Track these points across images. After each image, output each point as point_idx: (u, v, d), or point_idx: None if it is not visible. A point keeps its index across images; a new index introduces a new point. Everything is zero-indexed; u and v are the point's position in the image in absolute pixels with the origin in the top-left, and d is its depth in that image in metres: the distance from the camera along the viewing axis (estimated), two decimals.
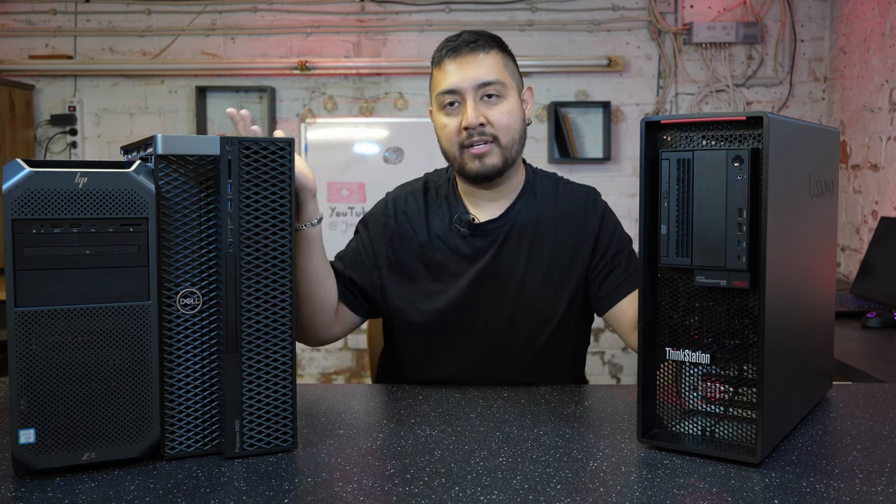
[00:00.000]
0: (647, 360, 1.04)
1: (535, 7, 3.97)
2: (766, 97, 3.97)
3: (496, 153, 1.42)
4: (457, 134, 1.43)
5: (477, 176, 1.43)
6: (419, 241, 1.49)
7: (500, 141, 1.42)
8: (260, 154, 0.99)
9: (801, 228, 1.07)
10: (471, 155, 1.42)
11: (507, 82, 1.44)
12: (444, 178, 1.57)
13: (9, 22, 4.03)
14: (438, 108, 1.46)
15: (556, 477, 0.93)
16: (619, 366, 4.08)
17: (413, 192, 1.55)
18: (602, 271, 1.48)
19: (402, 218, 1.52)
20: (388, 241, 1.51)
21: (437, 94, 1.45)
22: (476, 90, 1.41)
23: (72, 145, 4.04)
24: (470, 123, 1.40)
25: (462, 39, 1.44)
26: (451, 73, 1.43)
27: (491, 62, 1.43)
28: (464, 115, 1.41)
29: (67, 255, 0.92)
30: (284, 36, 4.01)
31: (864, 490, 0.89)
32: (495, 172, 1.43)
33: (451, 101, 1.43)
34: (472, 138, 1.41)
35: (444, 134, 1.45)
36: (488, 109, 1.42)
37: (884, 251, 2.82)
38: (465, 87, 1.41)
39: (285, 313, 1.02)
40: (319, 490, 0.90)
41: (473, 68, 1.42)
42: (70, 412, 0.92)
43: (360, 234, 1.56)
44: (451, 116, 1.44)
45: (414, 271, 1.49)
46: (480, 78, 1.41)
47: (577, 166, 4.00)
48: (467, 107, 1.41)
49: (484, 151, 1.41)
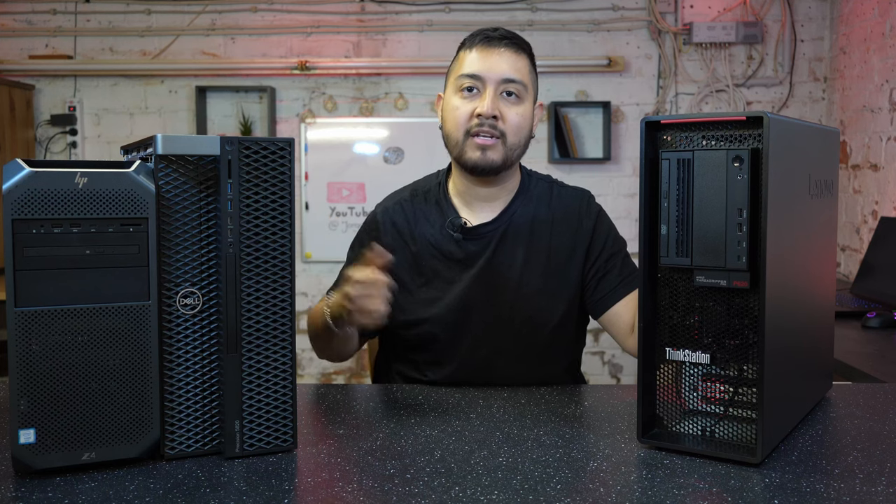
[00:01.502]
0: (647, 360, 1.04)
1: (535, 7, 3.97)
2: (766, 97, 3.97)
3: (499, 150, 1.42)
4: (467, 119, 1.42)
5: (475, 167, 1.42)
6: (411, 252, 1.49)
7: (506, 139, 1.42)
8: (260, 154, 0.99)
9: (801, 228, 1.07)
10: (474, 144, 1.41)
11: (528, 87, 1.44)
12: (434, 182, 1.56)
13: (9, 22, 4.03)
14: (455, 90, 1.44)
15: (556, 477, 0.93)
16: (619, 366, 4.08)
17: (400, 202, 1.54)
18: (596, 275, 1.48)
19: (392, 230, 1.51)
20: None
21: (459, 76, 1.43)
22: (499, 83, 1.41)
23: (72, 145, 4.04)
24: (485, 112, 1.39)
25: (500, 32, 1.44)
26: (478, 60, 1.42)
27: (520, 63, 1.43)
28: (481, 102, 1.40)
29: (67, 255, 0.92)
30: (284, 36, 4.01)
31: (864, 490, 0.89)
32: (493, 168, 1.42)
33: (471, 87, 1.42)
34: (481, 127, 1.40)
35: (453, 116, 1.43)
36: (505, 106, 1.42)
37: (884, 251, 2.82)
38: (490, 77, 1.41)
39: (285, 313, 1.02)
40: (319, 490, 0.90)
41: (502, 62, 1.41)
42: (70, 412, 0.92)
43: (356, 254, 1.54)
44: (466, 101, 1.43)
45: (409, 282, 1.48)
46: (506, 73, 1.41)
47: (577, 166, 4.00)
48: (486, 96, 1.40)
49: (489, 144, 1.41)
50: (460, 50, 1.48)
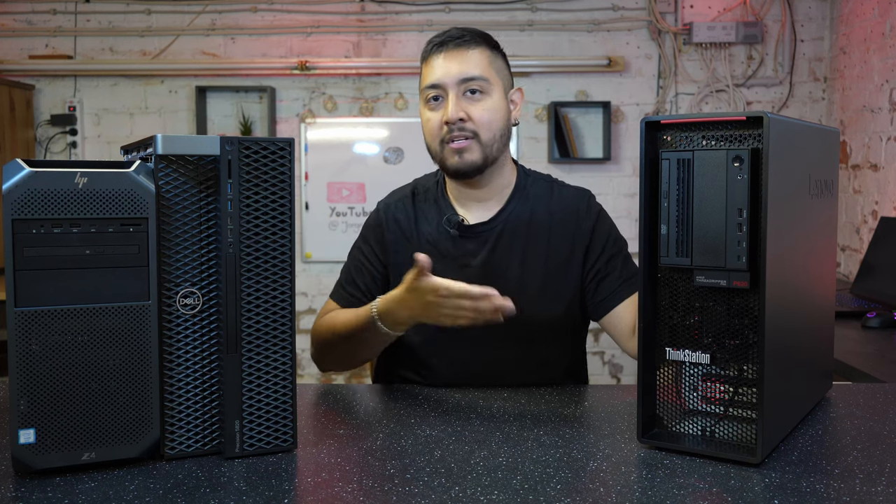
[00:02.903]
0: (647, 360, 1.04)
1: (535, 7, 3.97)
2: (766, 97, 3.97)
3: (476, 149, 1.42)
4: (439, 129, 1.43)
5: (456, 171, 1.43)
6: (413, 249, 1.48)
7: (480, 137, 1.42)
8: (260, 154, 0.99)
9: (801, 228, 1.07)
10: (451, 150, 1.42)
11: (491, 79, 1.44)
12: (432, 180, 1.57)
13: (9, 22, 4.03)
14: (423, 102, 1.47)
15: (556, 477, 0.93)
16: (619, 366, 4.08)
17: (402, 199, 1.56)
18: (597, 276, 1.48)
19: (395, 226, 1.53)
20: (387, 249, 1.52)
21: (423, 89, 1.46)
22: (459, 85, 1.42)
23: (72, 145, 4.04)
24: (450, 118, 1.40)
25: (448, 35, 1.45)
26: (435, 68, 1.43)
27: (477, 58, 1.43)
28: (445, 109, 1.42)
29: (67, 255, 0.92)
30: (284, 36, 4.01)
31: (864, 490, 0.89)
32: (475, 169, 1.43)
33: (436, 96, 1.44)
34: (451, 133, 1.41)
35: (427, 129, 1.46)
36: (470, 105, 1.42)
37: (884, 251, 2.82)
38: (448, 82, 1.42)
39: (285, 313, 1.02)
40: (319, 490, 0.90)
41: (457, 63, 1.42)
42: (70, 412, 0.92)
43: (362, 251, 1.55)
44: (435, 111, 1.44)
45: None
46: (463, 73, 1.42)
47: (577, 166, 4.00)
48: (449, 101, 1.42)
49: (463, 147, 1.41)
50: (421, 63, 1.49)
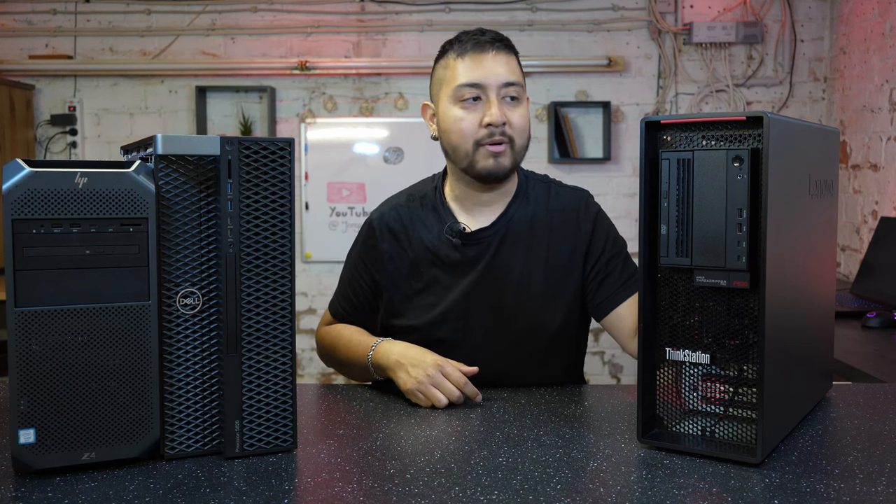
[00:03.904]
0: (647, 360, 1.04)
1: (535, 7, 3.97)
2: (766, 97, 3.97)
3: (509, 155, 1.41)
4: (475, 130, 1.40)
5: (489, 174, 1.41)
6: (409, 257, 1.47)
7: (514, 143, 1.41)
8: (260, 154, 0.99)
9: (801, 228, 1.07)
10: (487, 152, 1.39)
11: (523, 87, 1.44)
12: (430, 186, 1.54)
13: (9, 22, 4.03)
14: (454, 100, 1.41)
15: (556, 477, 0.93)
16: (619, 366, 4.08)
17: (396, 207, 1.52)
18: (597, 277, 1.47)
19: (389, 236, 1.49)
20: (380, 261, 1.49)
21: (458, 86, 1.40)
22: (500, 88, 1.40)
23: (72, 145, 4.04)
24: (495, 121, 1.38)
25: (488, 36, 1.42)
26: (476, 68, 1.40)
27: (514, 64, 1.43)
28: (487, 111, 1.39)
29: (67, 255, 0.92)
30: (284, 36, 4.01)
31: (864, 490, 0.89)
32: (505, 174, 1.42)
33: (475, 96, 1.40)
34: (493, 136, 1.39)
35: (458, 128, 1.41)
36: (509, 110, 1.41)
37: (884, 251, 2.82)
38: (491, 84, 1.39)
39: (285, 313, 1.02)
40: (319, 490, 0.90)
41: (499, 66, 1.40)
42: (70, 412, 0.92)
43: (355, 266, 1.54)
44: (470, 111, 1.40)
45: (407, 288, 1.48)
46: (506, 77, 1.40)
47: (577, 166, 4.00)
48: (491, 104, 1.39)
49: (500, 151, 1.40)
50: (447, 57, 1.44)
